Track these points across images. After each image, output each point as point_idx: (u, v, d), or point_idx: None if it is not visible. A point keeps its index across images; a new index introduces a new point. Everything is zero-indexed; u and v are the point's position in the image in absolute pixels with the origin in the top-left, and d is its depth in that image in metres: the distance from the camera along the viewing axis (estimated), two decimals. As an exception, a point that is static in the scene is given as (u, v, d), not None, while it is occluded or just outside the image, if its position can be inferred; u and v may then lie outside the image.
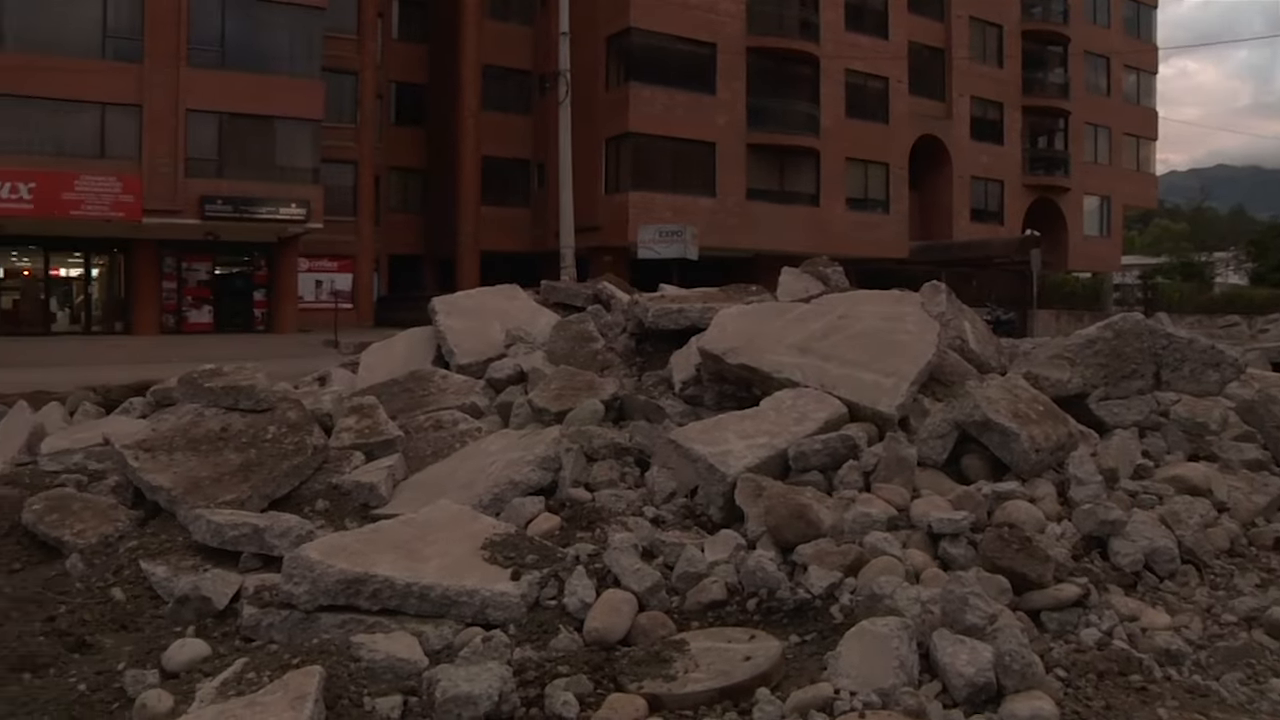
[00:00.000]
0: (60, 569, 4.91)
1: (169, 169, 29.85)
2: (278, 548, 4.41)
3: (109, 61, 29.44)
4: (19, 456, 6.58)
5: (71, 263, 32.72)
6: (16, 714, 3.63)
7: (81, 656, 4.05)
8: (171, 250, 32.19)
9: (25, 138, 28.87)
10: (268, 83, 31.00)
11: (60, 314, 32.43)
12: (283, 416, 5.62)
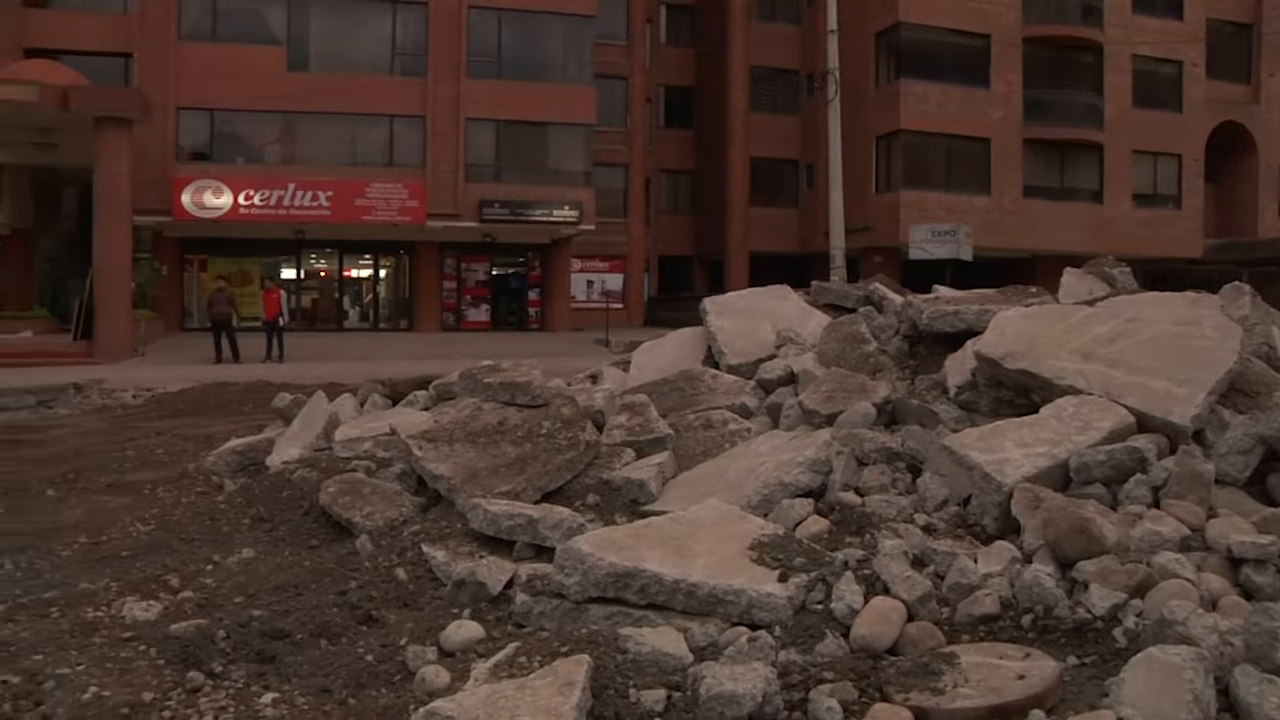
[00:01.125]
0: (351, 548, 5.27)
1: (450, 175, 31.61)
2: (550, 539, 4.56)
3: (397, 77, 31.52)
4: (316, 443, 7.12)
5: (362, 264, 35.15)
6: (315, 675, 3.92)
7: (369, 629, 4.33)
8: (452, 251, 34.03)
9: (324, 151, 31.39)
10: (542, 90, 32.27)
11: (351, 312, 34.87)
12: (557, 412, 5.81)
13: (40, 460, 9.72)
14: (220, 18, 30.98)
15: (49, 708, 3.74)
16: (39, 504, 7.56)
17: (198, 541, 6.02)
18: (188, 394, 15.58)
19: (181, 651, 4.15)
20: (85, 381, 17.59)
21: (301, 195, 29.63)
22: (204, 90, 29.74)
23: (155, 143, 28.74)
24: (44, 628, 4.70)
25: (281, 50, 30.81)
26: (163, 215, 28.84)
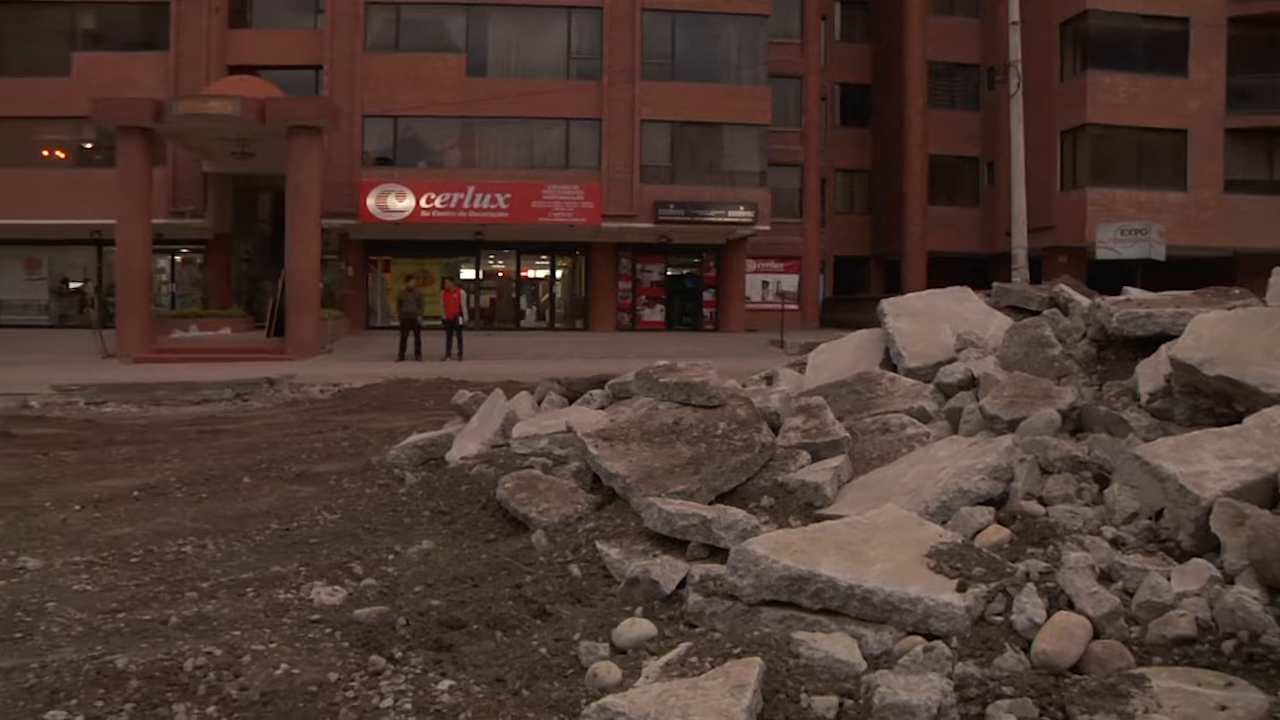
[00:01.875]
0: (527, 542, 5.36)
1: (625, 176, 31.96)
2: (724, 540, 4.52)
3: (573, 81, 32.07)
4: (494, 439, 7.28)
5: (539, 264, 35.87)
6: (490, 665, 4.01)
7: (542, 623, 4.39)
8: (627, 252, 34.39)
9: (502, 154, 32.22)
10: (716, 91, 32.28)
11: (528, 311, 35.62)
12: (732, 413, 5.77)
13: (237, 449, 10.26)
14: (403, 29, 32.17)
15: (246, 680, 3.95)
16: (236, 490, 7.97)
17: (380, 531, 6.24)
18: (372, 390, 16.20)
19: (364, 636, 4.30)
20: (277, 376, 18.52)
21: (480, 198, 30.45)
22: (388, 98, 30.94)
23: (343, 149, 30.08)
24: (241, 606, 4.97)
25: (461, 58, 31.76)
26: (349, 218, 30.13)
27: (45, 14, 32.32)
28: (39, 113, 31.63)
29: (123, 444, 11.10)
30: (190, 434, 11.99)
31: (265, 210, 33.23)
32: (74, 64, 31.45)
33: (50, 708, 3.75)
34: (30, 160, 32.51)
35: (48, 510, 7.48)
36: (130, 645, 4.40)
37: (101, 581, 5.54)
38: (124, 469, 9.35)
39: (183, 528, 6.69)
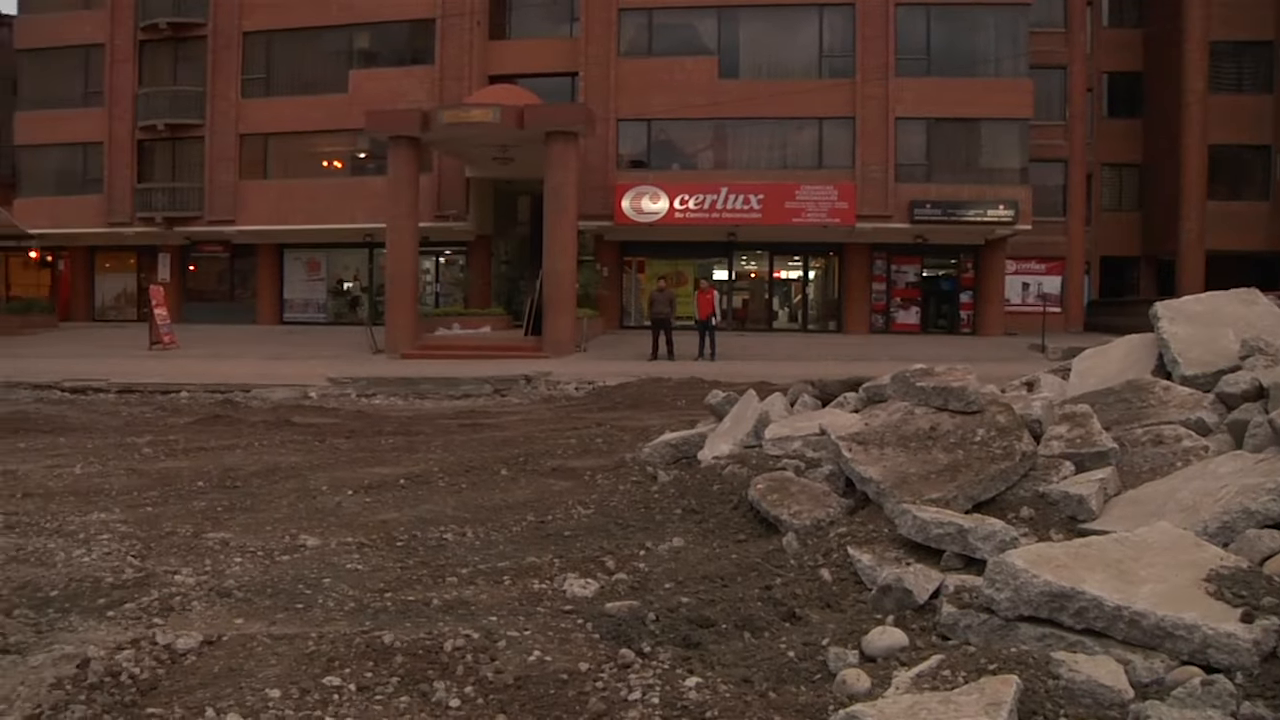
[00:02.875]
0: (777, 544, 5.29)
1: (879, 176, 31.31)
2: (981, 550, 4.32)
3: (825, 80, 31.67)
4: (747, 440, 7.24)
5: (791, 265, 35.64)
6: (738, 665, 3.98)
7: (791, 626, 4.32)
8: (881, 253, 33.68)
9: (755, 155, 32.21)
10: (974, 86, 31.12)
11: (780, 312, 35.45)
12: (992, 420, 5.52)
13: (496, 443, 10.68)
14: (656, 33, 32.71)
15: (501, 663, 4.09)
16: (494, 482, 8.28)
17: (632, 527, 6.33)
18: (625, 388, 16.53)
19: (614, 629, 4.36)
20: (534, 374, 19.18)
21: (733, 199, 30.57)
22: (641, 102, 31.55)
23: (598, 153, 30.90)
24: (498, 593, 5.15)
25: (713, 60, 31.98)
26: (605, 220, 30.91)
27: (326, 37, 35.05)
28: (319, 127, 34.34)
29: (390, 434, 11.75)
30: (452, 427, 12.56)
31: (524, 213, 34.52)
32: (350, 81, 33.85)
33: (327, 674, 4.02)
34: (311, 171, 35.30)
35: (324, 494, 8.02)
36: (396, 623, 4.64)
37: (371, 562, 5.88)
38: (392, 458, 9.91)
39: (444, 516, 7.01)
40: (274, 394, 16.74)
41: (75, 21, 37.42)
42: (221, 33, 35.43)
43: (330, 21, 34.50)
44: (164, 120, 35.76)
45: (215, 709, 3.73)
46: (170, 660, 4.22)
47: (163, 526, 6.92)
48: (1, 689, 4.06)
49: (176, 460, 9.96)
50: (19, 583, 5.51)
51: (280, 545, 6.32)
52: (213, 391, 17.13)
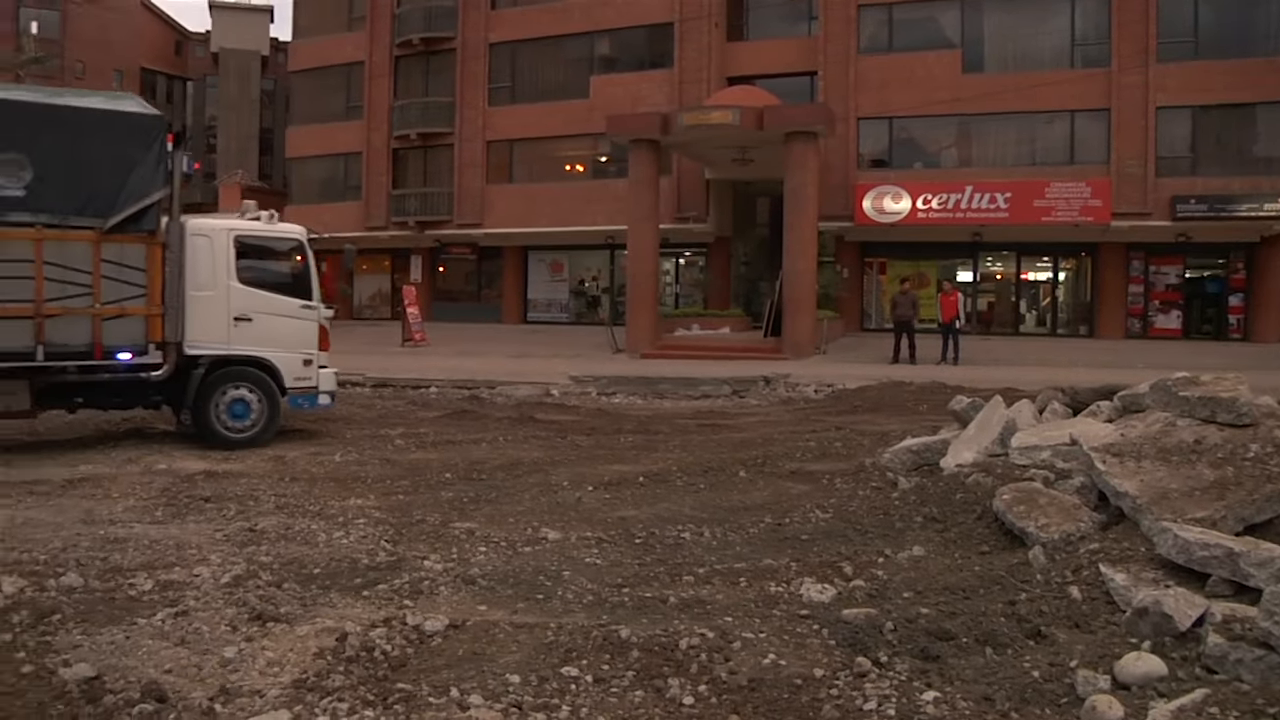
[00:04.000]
0: (1022, 558, 5.08)
1: (1137, 170, 29.41)
2: (1254, 578, 4.00)
3: (1077, 70, 29.99)
4: (992, 447, 6.99)
5: (1040, 266, 34.03)
6: (978, 681, 3.86)
7: (1036, 645, 4.15)
8: (1139, 252, 31.65)
9: (1001, 151, 30.91)
10: (1248, 67, 28.62)
11: (1028, 316, 33.93)
12: (1268, 435, 5.10)
13: (734, 444, 10.73)
14: (896, 29, 31.91)
15: (735, 664, 4.12)
16: (732, 483, 8.33)
17: (870, 534, 6.23)
18: (865, 391, 16.26)
19: (851, 636, 4.31)
20: (773, 375, 19.12)
21: (978, 198, 29.49)
22: (882, 100, 30.88)
23: (838, 153, 30.48)
24: (734, 594, 5.18)
25: (956, 54, 30.92)
26: (845, 221, 30.46)
27: (568, 45, 36.14)
28: (561, 132, 35.44)
29: (630, 433, 11.99)
30: (690, 427, 12.69)
31: (763, 214, 34.46)
32: (592, 86, 34.75)
33: (565, 664, 4.16)
34: (554, 174, 36.49)
35: (565, 489, 8.29)
36: (632, 618, 4.74)
37: (609, 557, 6.03)
38: (631, 456, 10.12)
39: (682, 515, 7.11)
40: (518, 391, 17.39)
41: (339, 43, 40.24)
42: (469, 45, 37.14)
43: (571, 30, 35.54)
44: (416, 130, 37.86)
45: (459, 689, 3.92)
46: (419, 640, 4.48)
47: (413, 514, 7.34)
48: (275, 652, 4.44)
49: (426, 452, 10.53)
50: (287, 559, 6.00)
51: (522, 537, 6.58)
52: (460, 387, 17.96)
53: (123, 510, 7.61)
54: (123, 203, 10.15)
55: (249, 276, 11.36)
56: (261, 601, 5.07)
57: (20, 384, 10.17)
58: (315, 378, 11.71)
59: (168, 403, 11.31)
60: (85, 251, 10.08)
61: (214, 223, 11.63)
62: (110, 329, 10.23)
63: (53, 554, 6.09)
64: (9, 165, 9.69)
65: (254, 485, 8.53)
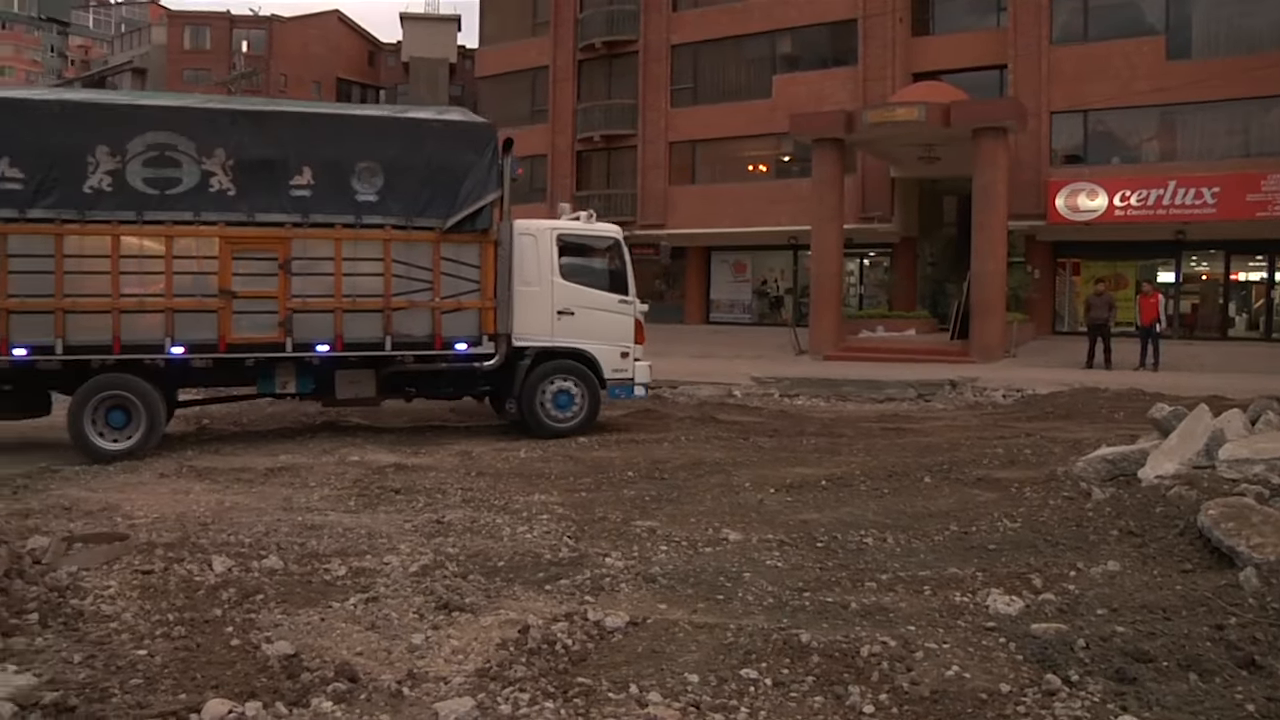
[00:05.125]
0: (1231, 579, 4.79)
1: (1367, 161, 27.27)
2: None
3: (1296, 52, 27.99)
4: (1196, 459, 6.62)
5: (1252, 266, 31.98)
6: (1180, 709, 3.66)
7: (1249, 675, 3.89)
8: (1369, 251, 29.38)
9: (1209, 143, 29.08)
10: None
11: (1238, 319, 31.94)
12: None
13: (919, 449, 10.50)
14: (1092, 16, 30.41)
15: (917, 674, 4.04)
16: (917, 489, 8.16)
17: (1062, 546, 6.00)
18: (1056, 397, 15.67)
19: (1040, 652, 4.17)
20: (959, 379, 18.63)
21: (1183, 193, 27.89)
22: (1076, 92, 29.53)
23: (1029, 149, 29.34)
24: (917, 603, 5.07)
25: (1159, 40, 29.26)
26: (1036, 219, 29.33)
27: (749, 45, 36.00)
28: (744, 132, 35.35)
29: (812, 435, 11.89)
30: (874, 430, 12.50)
31: (950, 213, 33.58)
32: (774, 86, 34.52)
33: (744, 665, 4.17)
34: (737, 175, 36.43)
35: (746, 490, 8.28)
36: (813, 623, 4.71)
37: (790, 560, 6.00)
38: (813, 459, 10.04)
39: (865, 520, 7.01)
40: (700, 391, 17.47)
41: (524, 49, 41.31)
42: (651, 47, 37.51)
43: (753, 29, 35.38)
44: (600, 132, 38.48)
45: (638, 686, 3.97)
46: (599, 636, 4.56)
47: (595, 511, 7.47)
48: (460, 641, 4.60)
49: (609, 450, 10.70)
50: (473, 551, 6.21)
51: (703, 537, 6.61)
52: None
53: (319, 499, 8.02)
54: (460, 205, 11.19)
55: (570, 273, 12.24)
56: (448, 591, 5.26)
57: (368, 373, 11.47)
58: (631, 370, 12.42)
59: (493, 392, 12.36)
60: (427, 250, 11.20)
61: (539, 223, 12.76)
62: (449, 321, 11.32)
63: (256, 538, 6.49)
64: (365, 173, 10.90)
65: (442, 479, 8.85)
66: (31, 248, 9.98)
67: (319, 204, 10.81)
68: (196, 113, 10.90)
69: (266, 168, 10.65)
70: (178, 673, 4.09)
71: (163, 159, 10.32)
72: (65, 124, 10.16)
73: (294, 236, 10.73)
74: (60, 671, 4.05)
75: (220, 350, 10.59)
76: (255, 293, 10.62)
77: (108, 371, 10.36)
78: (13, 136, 9.95)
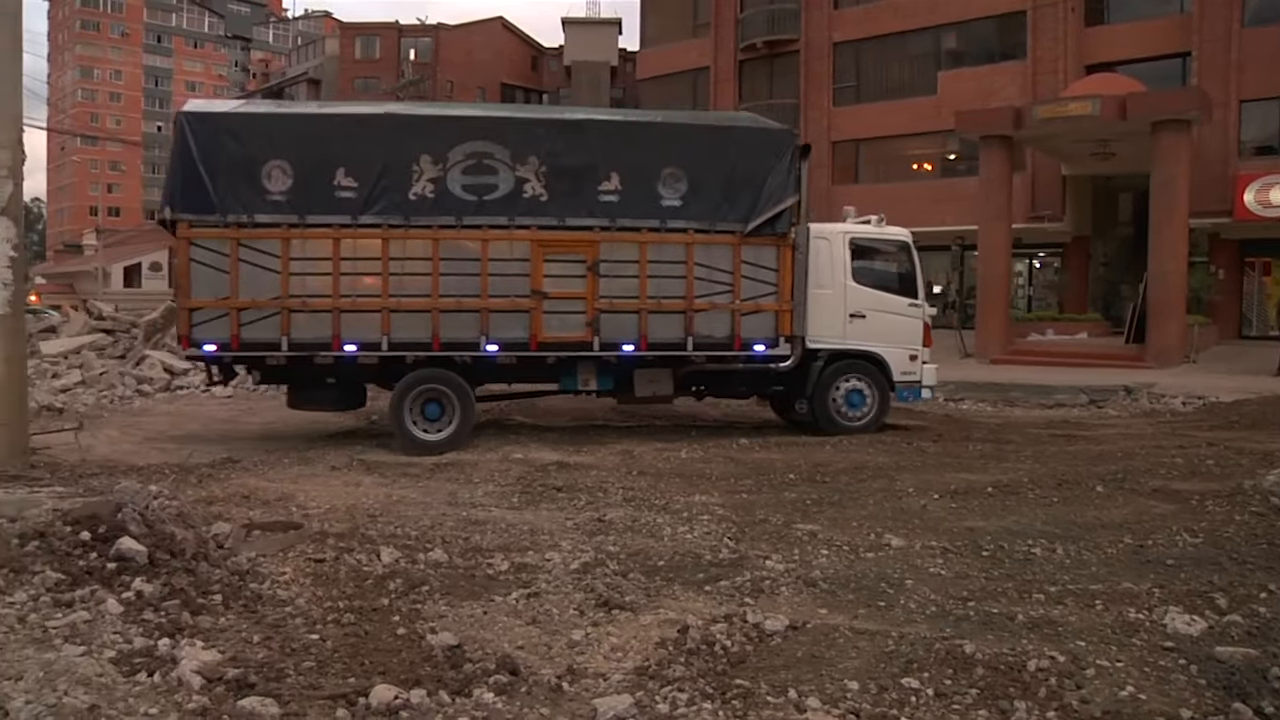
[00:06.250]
0: None
1: None
2: None
3: None
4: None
5: None
6: None
7: None
8: None
9: None
10: None
11: None
12: None
13: (1091, 457, 10.12)
14: (1290, -5, 28.63)
15: (1088, 693, 3.89)
16: (1088, 498, 7.87)
17: (1250, 564, 5.69)
18: (1242, 405, 14.83)
19: (1226, 678, 3.96)
20: (1134, 385, 17.85)
21: (1397, 185, 26.03)
22: (1271, 78, 27.71)
23: (1214, 141, 27.78)
24: (1088, 618, 4.88)
25: (1373, 11, 27.34)
26: (1221, 217, 27.78)
27: (913, 41, 35.24)
28: (908, 130, 34.63)
29: (978, 441, 11.60)
30: (1043, 437, 12.11)
31: (1126, 211, 32.17)
32: (939, 82, 33.67)
33: (905, 674, 4.09)
34: (901, 174, 35.73)
35: (910, 495, 8.14)
36: (977, 634, 4.59)
37: (954, 568, 5.85)
38: (979, 465, 9.79)
39: (1033, 529, 6.79)
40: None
41: (684, 50, 41.45)
42: (813, 46, 37.10)
43: (917, 25, 34.60)
44: (762, 132, 38.38)
45: (797, 691, 3.94)
46: (758, 638, 4.55)
47: (755, 513, 7.45)
48: (619, 639, 4.66)
49: (769, 452, 10.66)
50: (633, 550, 6.27)
51: (865, 542, 6.52)
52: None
53: (483, 495, 8.24)
54: (761, 209, 11.53)
55: (862, 276, 12.55)
56: (608, 589, 5.33)
57: (665, 372, 11.95)
58: (919, 372, 12.63)
59: (784, 393, 12.59)
60: (727, 253, 11.55)
61: (832, 227, 13.08)
62: (748, 323, 11.69)
63: (422, 531, 6.71)
64: (670, 178, 11.35)
65: (603, 478, 8.97)
66: (359, 251, 10.82)
67: (626, 209, 11.28)
68: (512, 122, 11.66)
69: (577, 174, 11.22)
70: (347, 657, 4.27)
71: (480, 167, 11.01)
72: (394, 135, 11.06)
73: (602, 240, 11.24)
74: (240, 650, 4.29)
75: (532, 348, 11.19)
76: (565, 293, 11.18)
77: (424, 367, 11.07)
78: (349, 148, 10.84)
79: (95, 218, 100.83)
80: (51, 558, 5.05)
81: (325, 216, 10.74)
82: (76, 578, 4.89)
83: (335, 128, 11.25)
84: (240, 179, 10.57)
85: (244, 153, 10.61)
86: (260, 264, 10.64)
